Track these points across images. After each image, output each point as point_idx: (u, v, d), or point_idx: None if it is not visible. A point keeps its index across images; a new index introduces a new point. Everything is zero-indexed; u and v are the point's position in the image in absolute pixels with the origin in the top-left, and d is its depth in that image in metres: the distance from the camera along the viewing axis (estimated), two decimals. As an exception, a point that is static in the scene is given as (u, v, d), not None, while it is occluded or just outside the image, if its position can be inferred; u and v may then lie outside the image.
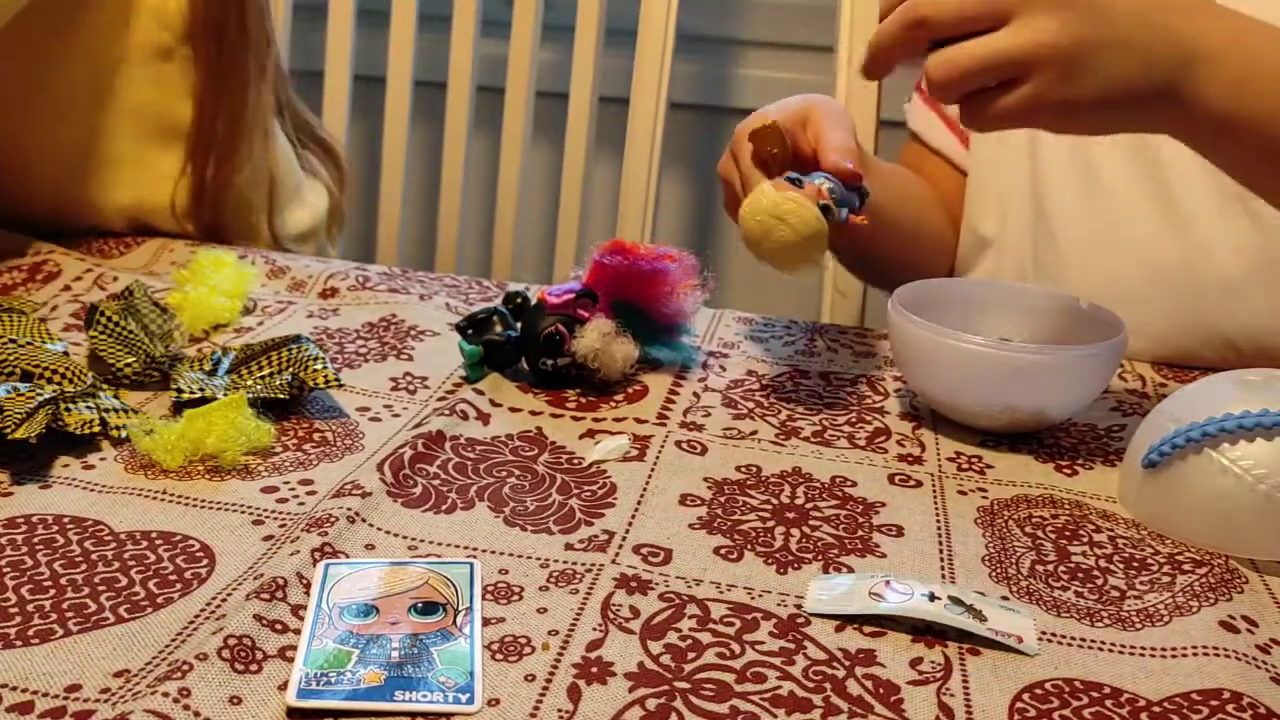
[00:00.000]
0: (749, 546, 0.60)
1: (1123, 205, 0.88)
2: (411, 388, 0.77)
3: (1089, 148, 0.90)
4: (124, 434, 0.66)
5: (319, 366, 0.71)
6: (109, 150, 0.97)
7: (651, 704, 0.48)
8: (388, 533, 0.59)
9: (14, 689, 0.47)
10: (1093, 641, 0.54)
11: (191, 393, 0.69)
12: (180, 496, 0.61)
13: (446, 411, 0.72)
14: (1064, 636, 0.54)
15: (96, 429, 0.65)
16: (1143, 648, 0.54)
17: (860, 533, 0.62)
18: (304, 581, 0.54)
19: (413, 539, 0.59)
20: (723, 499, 0.65)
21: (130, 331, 0.74)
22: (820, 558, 0.60)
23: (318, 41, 1.34)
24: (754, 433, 0.73)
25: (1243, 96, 0.66)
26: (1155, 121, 0.69)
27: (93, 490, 0.62)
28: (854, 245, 0.93)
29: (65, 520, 0.59)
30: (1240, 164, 0.72)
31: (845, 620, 0.54)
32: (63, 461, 0.64)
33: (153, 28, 0.94)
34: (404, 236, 1.40)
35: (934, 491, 0.67)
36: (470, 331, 0.78)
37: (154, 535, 0.58)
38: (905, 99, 1.09)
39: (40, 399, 0.63)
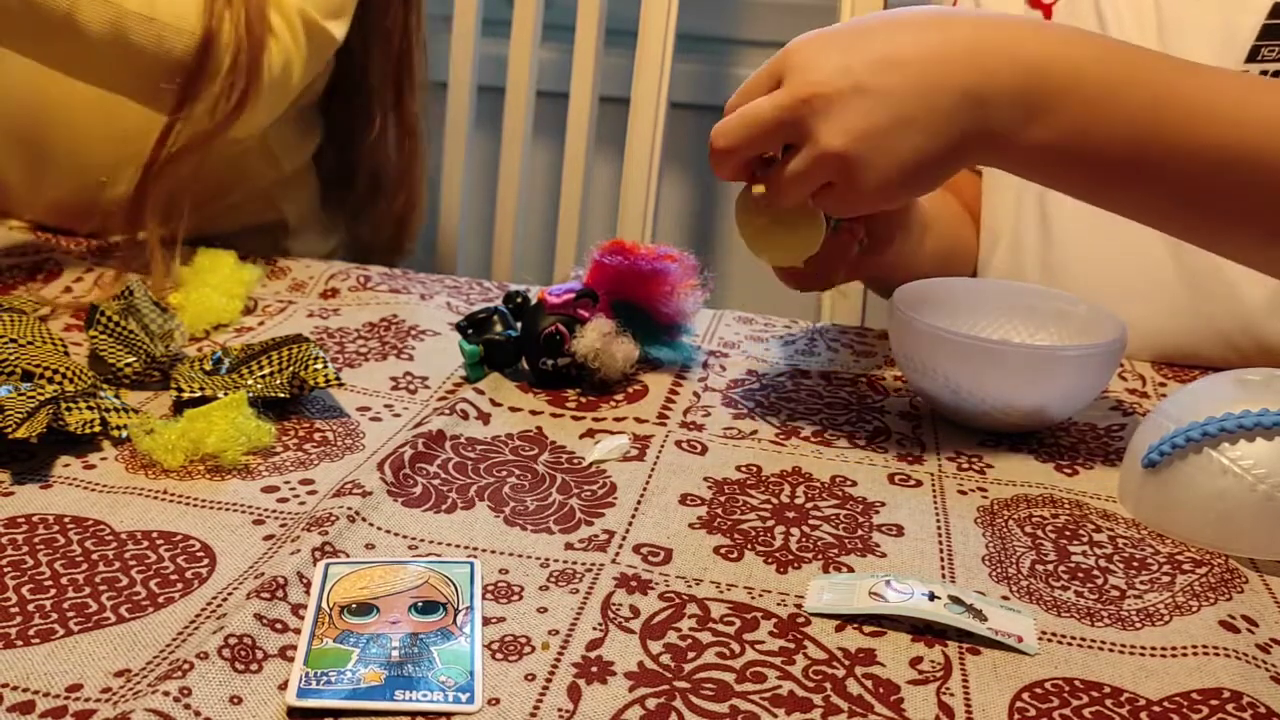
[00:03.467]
0: (749, 546, 0.60)
1: None
2: (412, 387, 0.77)
3: None
4: (124, 434, 0.66)
5: (319, 366, 0.71)
6: None
7: (651, 703, 0.48)
8: (388, 532, 0.59)
9: (15, 689, 0.47)
10: (1093, 641, 0.54)
11: (192, 392, 0.69)
12: (181, 496, 0.61)
13: (447, 411, 0.72)
14: (1064, 636, 0.54)
15: (97, 429, 0.65)
16: (1143, 647, 0.54)
17: (860, 532, 0.62)
18: (304, 581, 0.54)
19: (413, 538, 0.59)
20: (723, 499, 0.65)
21: (130, 331, 0.74)
22: (820, 557, 0.60)
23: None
24: (754, 433, 0.73)
25: (1077, 131, 0.64)
26: (974, 162, 0.68)
27: (93, 490, 0.62)
28: (891, 276, 0.93)
29: (66, 520, 0.59)
30: (1077, 189, 0.70)
31: (845, 620, 0.54)
32: (63, 461, 0.64)
33: None
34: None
35: (934, 491, 0.67)
36: (470, 331, 0.78)
37: (155, 535, 0.58)
38: None
39: (41, 399, 0.64)
